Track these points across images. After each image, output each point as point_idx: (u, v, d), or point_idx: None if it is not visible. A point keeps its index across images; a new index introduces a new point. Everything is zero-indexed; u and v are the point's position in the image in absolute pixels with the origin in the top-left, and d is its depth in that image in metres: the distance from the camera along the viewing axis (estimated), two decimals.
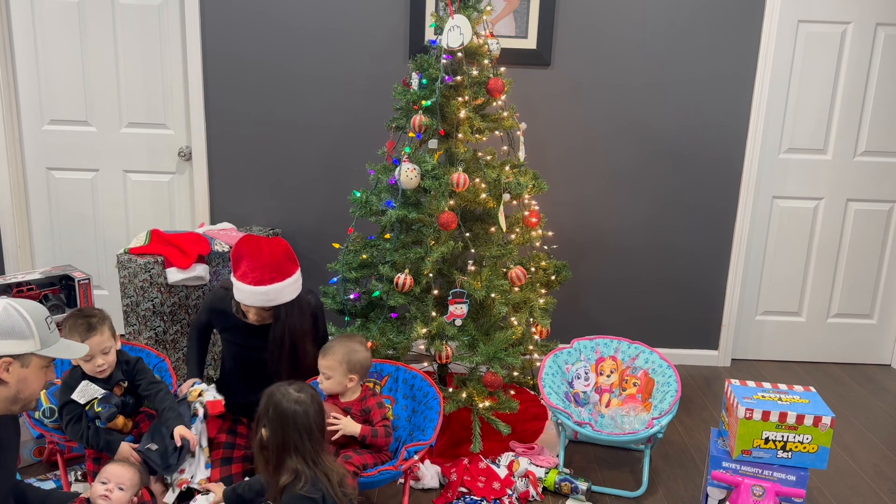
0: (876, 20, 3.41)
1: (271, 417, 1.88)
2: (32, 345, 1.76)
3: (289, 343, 2.44)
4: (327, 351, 2.33)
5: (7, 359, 1.72)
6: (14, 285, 2.73)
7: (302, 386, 1.95)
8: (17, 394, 1.77)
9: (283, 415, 1.87)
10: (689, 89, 3.43)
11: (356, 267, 2.87)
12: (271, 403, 1.89)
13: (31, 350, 1.76)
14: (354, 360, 2.32)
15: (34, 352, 1.77)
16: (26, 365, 1.77)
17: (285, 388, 1.92)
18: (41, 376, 1.81)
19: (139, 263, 2.90)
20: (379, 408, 2.36)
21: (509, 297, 2.73)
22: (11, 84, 3.47)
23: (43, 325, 1.79)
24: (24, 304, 1.79)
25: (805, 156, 3.58)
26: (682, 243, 3.61)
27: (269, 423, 1.88)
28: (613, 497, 2.57)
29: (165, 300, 2.98)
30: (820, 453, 2.15)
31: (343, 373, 2.31)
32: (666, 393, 2.68)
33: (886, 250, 3.70)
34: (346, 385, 2.33)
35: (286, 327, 2.42)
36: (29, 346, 1.75)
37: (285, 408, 1.87)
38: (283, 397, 1.89)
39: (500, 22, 3.33)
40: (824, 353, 3.84)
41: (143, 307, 2.93)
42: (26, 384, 1.78)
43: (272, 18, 3.35)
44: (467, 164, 2.79)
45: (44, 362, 1.81)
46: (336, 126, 3.46)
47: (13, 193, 3.55)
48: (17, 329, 1.73)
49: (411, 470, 2.43)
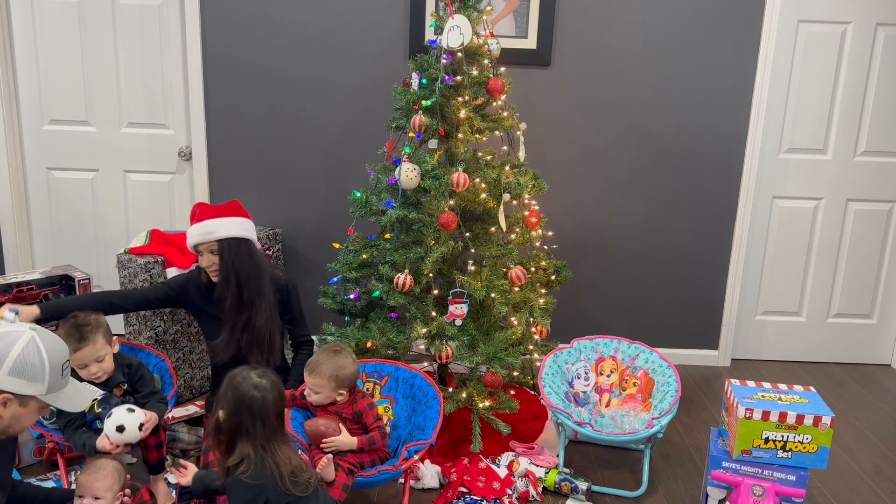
0: (876, 20, 3.41)
1: (228, 400, 1.87)
2: (38, 389, 1.72)
3: (234, 281, 2.52)
4: (314, 369, 2.29)
5: (8, 395, 1.69)
6: (14, 285, 2.72)
7: (265, 372, 1.94)
8: (7, 428, 1.74)
9: (240, 398, 1.86)
10: (689, 89, 3.43)
11: (356, 267, 2.87)
12: (231, 386, 1.89)
13: (35, 394, 1.72)
14: (342, 375, 2.29)
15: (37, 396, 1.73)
16: (24, 405, 1.73)
17: (247, 372, 1.92)
18: (35, 416, 1.78)
19: (139, 263, 2.90)
20: (370, 409, 2.34)
21: (509, 297, 2.73)
22: (11, 84, 3.47)
23: (56, 372, 1.75)
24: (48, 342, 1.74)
25: (805, 156, 3.58)
26: (683, 243, 3.61)
27: (226, 406, 1.87)
28: (613, 497, 2.57)
29: None
30: (820, 453, 2.15)
31: (332, 389, 2.30)
32: (666, 393, 2.68)
33: (886, 250, 3.70)
34: (335, 399, 2.32)
35: (230, 266, 2.52)
36: (34, 389, 1.72)
37: (243, 392, 1.86)
38: (243, 381, 1.88)
39: (500, 22, 3.33)
40: (824, 353, 3.84)
41: None
42: (18, 421, 1.75)
43: (272, 18, 3.35)
44: (467, 164, 2.79)
45: (42, 405, 1.78)
46: (336, 126, 3.46)
47: (13, 193, 3.55)
48: (29, 370, 1.69)
49: (411, 470, 2.42)
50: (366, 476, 2.19)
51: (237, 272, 2.53)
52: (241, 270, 2.53)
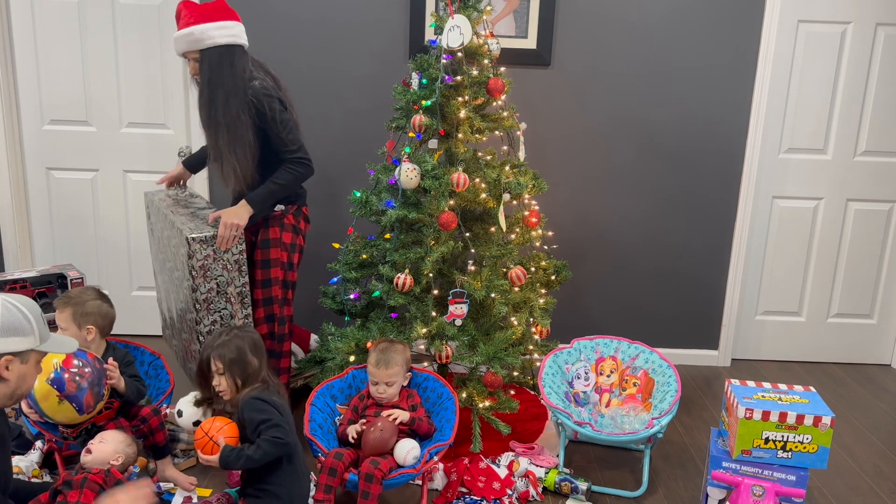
0: (876, 20, 3.41)
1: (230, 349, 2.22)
2: (32, 341, 1.75)
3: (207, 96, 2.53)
4: (386, 363, 2.41)
5: (8, 356, 1.72)
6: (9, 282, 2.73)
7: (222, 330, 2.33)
8: (16, 390, 1.77)
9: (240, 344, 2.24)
10: (690, 90, 3.43)
11: (356, 267, 2.88)
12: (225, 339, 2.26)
13: (32, 346, 1.76)
14: (408, 357, 2.51)
15: (34, 348, 1.77)
16: (25, 361, 1.77)
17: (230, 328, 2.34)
18: (36, 370, 1.82)
19: None
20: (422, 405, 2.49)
21: (509, 297, 2.73)
22: (11, 84, 3.47)
23: (41, 320, 1.79)
24: (19, 299, 1.79)
25: (805, 156, 3.58)
26: (683, 243, 3.61)
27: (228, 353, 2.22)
28: (613, 497, 2.57)
29: None
30: (820, 453, 2.15)
31: (403, 375, 2.46)
32: (666, 393, 2.68)
33: (886, 250, 3.70)
34: (403, 384, 2.49)
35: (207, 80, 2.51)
36: (29, 342, 1.75)
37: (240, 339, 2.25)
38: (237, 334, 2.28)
39: (500, 22, 3.33)
40: (824, 353, 3.84)
41: None
42: (24, 380, 1.78)
43: (271, 18, 3.35)
44: (467, 164, 2.79)
45: (39, 357, 1.82)
46: (336, 126, 3.46)
47: (13, 193, 3.55)
48: (19, 326, 1.73)
49: (430, 471, 2.43)
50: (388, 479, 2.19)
51: (211, 87, 2.51)
52: (218, 85, 2.51)
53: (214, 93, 2.51)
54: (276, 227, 2.73)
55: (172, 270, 2.68)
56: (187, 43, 2.50)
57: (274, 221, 2.73)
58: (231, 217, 2.51)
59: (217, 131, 2.54)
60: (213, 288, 2.49)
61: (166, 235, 2.68)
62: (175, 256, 2.59)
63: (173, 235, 2.58)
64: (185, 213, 2.64)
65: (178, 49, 2.55)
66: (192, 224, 2.53)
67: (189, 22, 2.49)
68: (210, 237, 2.47)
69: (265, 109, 2.56)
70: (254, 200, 2.57)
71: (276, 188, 2.61)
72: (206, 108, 2.54)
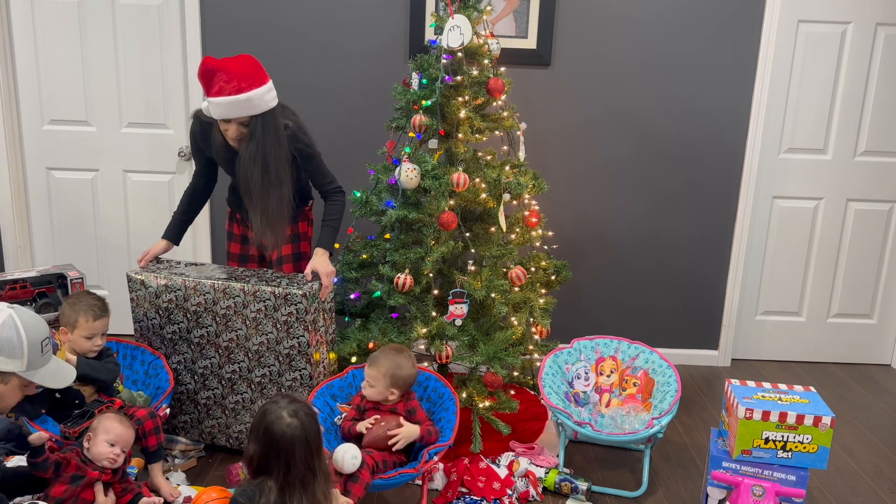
0: (876, 20, 3.41)
1: (259, 436, 1.79)
2: (18, 366, 1.72)
3: (261, 160, 2.42)
4: (374, 362, 2.34)
5: None
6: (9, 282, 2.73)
7: (297, 409, 1.81)
8: None
9: (270, 438, 1.77)
10: (690, 90, 3.43)
11: (356, 267, 2.88)
12: (262, 423, 1.79)
13: (15, 370, 1.73)
14: (398, 375, 2.32)
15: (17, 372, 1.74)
16: (5, 382, 1.74)
17: (280, 408, 1.80)
18: (18, 394, 1.79)
19: None
20: (421, 408, 2.40)
21: (509, 297, 2.73)
22: (11, 84, 3.47)
23: (35, 348, 1.75)
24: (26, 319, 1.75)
25: (805, 156, 3.58)
26: (683, 243, 3.61)
27: (256, 441, 1.80)
28: (613, 497, 2.57)
29: None
30: (820, 453, 2.15)
31: (385, 385, 2.33)
32: (666, 393, 2.68)
33: (886, 250, 3.70)
34: (387, 396, 2.35)
35: (260, 144, 2.40)
36: (14, 366, 1.72)
37: (274, 432, 1.77)
38: (276, 420, 1.78)
39: (500, 22, 3.33)
40: (824, 353, 3.84)
41: None
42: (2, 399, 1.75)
43: (272, 18, 3.35)
44: (467, 164, 2.79)
45: (24, 382, 1.78)
46: (336, 126, 3.46)
47: (13, 193, 3.55)
48: (7, 347, 1.70)
49: (430, 472, 2.43)
50: (384, 479, 2.18)
51: (264, 150, 2.41)
52: (268, 148, 2.41)
53: (268, 156, 2.42)
54: (303, 221, 2.78)
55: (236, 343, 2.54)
56: (243, 109, 2.36)
57: (302, 216, 2.77)
58: (327, 267, 2.51)
59: (269, 192, 2.47)
60: (311, 339, 2.48)
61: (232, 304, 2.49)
62: (253, 324, 2.49)
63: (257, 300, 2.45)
64: (252, 278, 2.53)
65: (226, 114, 2.37)
66: (285, 283, 2.49)
67: (238, 87, 2.33)
68: (317, 290, 2.47)
69: (308, 150, 2.57)
70: (329, 246, 2.58)
71: (337, 225, 2.63)
72: (259, 172, 2.43)
